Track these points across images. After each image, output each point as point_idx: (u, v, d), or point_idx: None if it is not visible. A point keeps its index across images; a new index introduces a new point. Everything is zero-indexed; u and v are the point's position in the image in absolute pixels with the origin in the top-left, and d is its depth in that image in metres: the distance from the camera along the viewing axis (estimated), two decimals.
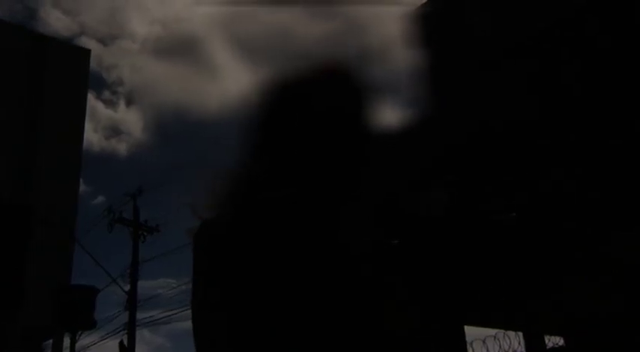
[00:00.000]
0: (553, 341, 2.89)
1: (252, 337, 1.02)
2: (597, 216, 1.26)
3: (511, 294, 1.31)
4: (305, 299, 1.02)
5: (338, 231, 1.06)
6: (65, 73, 17.70)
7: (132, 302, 15.10)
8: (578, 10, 1.24)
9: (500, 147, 1.26)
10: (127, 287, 15.39)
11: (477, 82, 1.31)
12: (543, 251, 1.28)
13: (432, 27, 1.50)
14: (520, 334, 2.64)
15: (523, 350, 2.03)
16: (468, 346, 1.81)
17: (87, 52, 18.87)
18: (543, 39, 1.23)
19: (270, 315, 1.02)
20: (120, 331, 15.18)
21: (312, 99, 1.23)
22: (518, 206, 1.26)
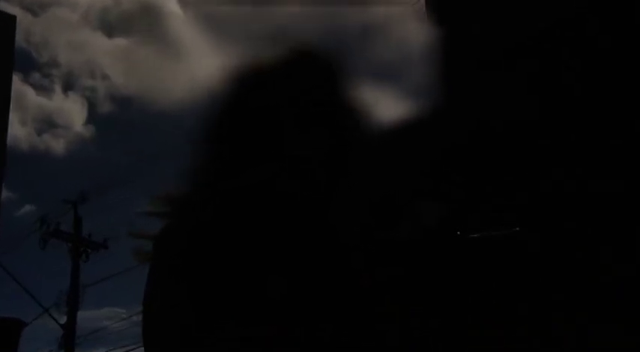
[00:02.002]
0: None
1: (226, 332, 1.19)
2: (597, 216, 1.51)
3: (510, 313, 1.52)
4: (289, 291, 1.21)
5: (324, 217, 1.25)
6: None
7: (69, 338, 14.31)
8: (578, 10, 1.48)
9: (500, 146, 1.49)
10: (64, 320, 14.48)
11: (478, 80, 1.53)
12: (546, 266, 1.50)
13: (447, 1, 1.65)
14: None
15: None
16: None
17: (11, 19, 17.87)
18: (544, 39, 1.47)
19: (250, 310, 1.20)
20: None
21: (287, 85, 1.41)
22: (519, 206, 1.50)
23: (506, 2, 1.56)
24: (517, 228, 1.52)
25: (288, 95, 1.40)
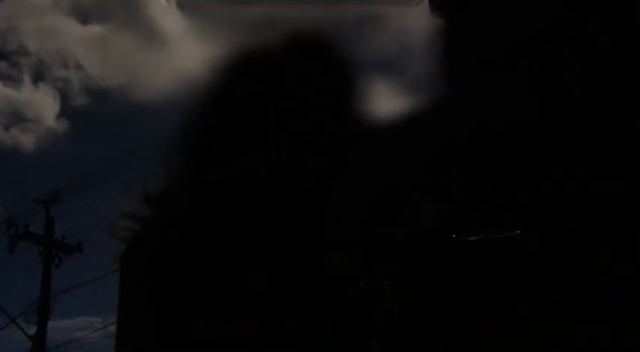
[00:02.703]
0: None
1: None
2: (597, 216, 1.56)
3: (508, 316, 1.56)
4: (272, 285, 1.26)
5: (314, 208, 1.29)
6: None
7: (38, 351, 13.79)
8: (578, 10, 1.54)
9: (500, 146, 1.55)
10: (33, 330, 13.94)
11: (478, 80, 1.58)
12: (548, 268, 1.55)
13: None
14: None
15: None
16: None
17: None
18: (544, 39, 1.53)
19: (232, 304, 1.24)
20: None
21: (284, 73, 1.43)
22: (519, 206, 1.55)
23: (507, 2, 1.61)
24: (517, 229, 1.58)
25: (286, 82, 1.44)
